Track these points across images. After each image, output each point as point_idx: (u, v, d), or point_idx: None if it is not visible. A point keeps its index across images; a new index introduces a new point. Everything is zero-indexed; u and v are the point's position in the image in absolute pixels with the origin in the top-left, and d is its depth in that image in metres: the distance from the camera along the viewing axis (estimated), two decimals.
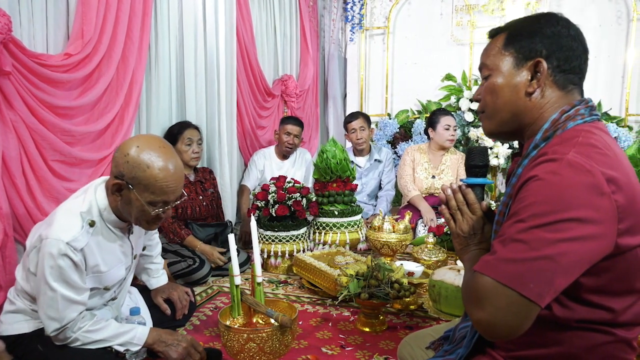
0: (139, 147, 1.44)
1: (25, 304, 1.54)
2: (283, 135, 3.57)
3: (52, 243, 1.38)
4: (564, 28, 0.98)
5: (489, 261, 0.87)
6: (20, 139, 1.90)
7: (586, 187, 0.83)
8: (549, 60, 0.97)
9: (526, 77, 0.99)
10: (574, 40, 0.98)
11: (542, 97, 0.99)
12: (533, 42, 0.98)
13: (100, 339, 1.50)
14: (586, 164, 0.84)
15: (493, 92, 1.03)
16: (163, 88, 2.79)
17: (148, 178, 1.42)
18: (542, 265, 0.82)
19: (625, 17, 4.04)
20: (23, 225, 1.92)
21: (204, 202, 2.84)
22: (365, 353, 1.79)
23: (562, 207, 0.82)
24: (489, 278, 0.85)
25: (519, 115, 1.01)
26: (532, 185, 0.86)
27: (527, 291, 0.82)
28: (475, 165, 1.15)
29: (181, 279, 2.51)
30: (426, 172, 3.63)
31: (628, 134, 3.92)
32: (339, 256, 2.55)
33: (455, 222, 1.11)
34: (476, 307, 0.87)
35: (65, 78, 2.03)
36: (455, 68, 4.45)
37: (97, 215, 1.50)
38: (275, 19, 4.05)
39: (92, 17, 2.12)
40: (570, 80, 0.99)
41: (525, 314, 0.84)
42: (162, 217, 1.53)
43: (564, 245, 0.82)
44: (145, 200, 1.44)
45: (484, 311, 0.85)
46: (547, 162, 0.87)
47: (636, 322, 0.94)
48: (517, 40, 1.00)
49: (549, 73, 0.98)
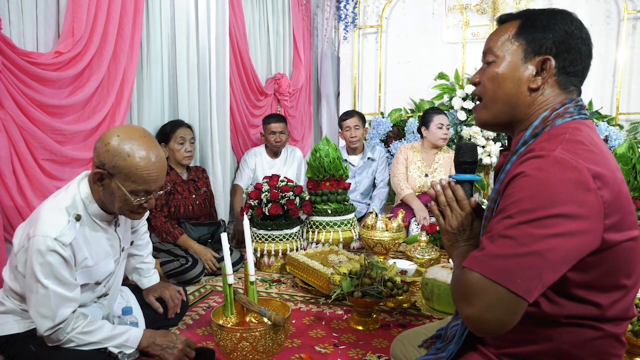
0: (120, 136, 1.44)
1: (14, 304, 1.53)
2: (269, 136, 3.58)
3: (39, 240, 1.37)
4: (577, 29, 0.98)
5: (477, 257, 0.88)
6: (11, 137, 1.88)
7: (572, 183, 0.84)
8: (557, 59, 0.97)
9: (531, 72, 0.98)
10: (584, 43, 0.98)
11: (541, 94, 0.99)
12: (545, 38, 0.97)
13: (95, 341, 1.49)
14: (572, 160, 0.85)
15: (495, 80, 1.01)
16: (155, 86, 2.78)
17: (129, 167, 1.42)
18: (530, 261, 0.83)
19: (615, 16, 4.07)
20: (14, 225, 1.90)
21: (196, 201, 2.83)
22: (358, 351, 1.80)
23: (549, 203, 0.83)
24: (478, 274, 0.85)
25: (516, 109, 1.01)
26: (519, 182, 0.87)
27: (515, 287, 0.82)
28: (464, 162, 1.16)
29: (174, 278, 2.50)
30: (419, 171, 3.64)
31: (619, 133, 3.95)
32: (332, 255, 2.56)
33: (445, 218, 1.11)
34: (465, 303, 0.87)
35: (56, 76, 2.01)
36: (448, 67, 4.46)
37: (82, 208, 1.49)
38: (268, 17, 4.04)
39: (82, 15, 2.11)
40: (572, 82, 0.99)
41: (514, 309, 0.84)
42: (146, 206, 1.53)
43: (552, 240, 0.82)
44: (127, 189, 1.44)
45: (473, 307, 0.86)
46: (534, 158, 0.88)
47: (624, 317, 0.95)
48: (530, 32, 0.98)
49: (554, 72, 0.97)
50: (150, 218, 2.60)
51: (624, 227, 0.89)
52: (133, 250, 1.88)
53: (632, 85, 4.09)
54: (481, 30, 4.34)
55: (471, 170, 1.16)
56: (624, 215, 0.89)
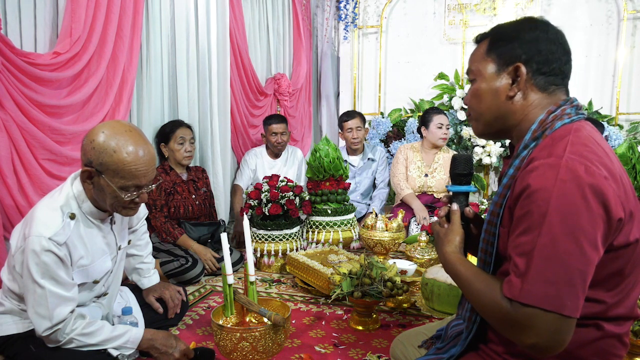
0: (105, 132, 1.43)
1: (13, 304, 1.53)
2: (270, 137, 3.57)
3: (34, 240, 1.37)
4: (542, 32, 1.01)
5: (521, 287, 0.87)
6: (11, 137, 1.88)
7: (589, 189, 0.84)
8: (528, 64, 1.00)
9: (507, 82, 1.02)
10: (553, 43, 1.00)
11: (524, 99, 1.02)
12: (513, 48, 1.01)
13: (95, 343, 1.49)
14: (583, 165, 0.86)
15: (476, 96, 1.07)
16: (155, 87, 2.78)
17: (116, 162, 1.41)
18: (572, 280, 0.84)
19: (615, 16, 4.07)
20: (14, 224, 1.89)
21: (196, 201, 2.83)
22: (358, 351, 1.79)
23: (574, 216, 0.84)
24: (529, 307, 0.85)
25: (503, 118, 1.05)
26: (536, 197, 0.87)
27: (567, 310, 0.84)
28: (459, 174, 1.18)
29: (174, 279, 2.50)
30: (419, 171, 3.64)
31: (619, 133, 3.95)
32: (332, 255, 2.56)
33: None
34: (523, 335, 0.88)
35: (54, 77, 2.01)
36: (448, 67, 4.46)
37: (75, 207, 1.49)
38: (268, 17, 4.03)
39: (81, 16, 2.10)
40: (552, 82, 1.01)
41: (568, 329, 0.86)
42: (137, 201, 1.52)
43: (586, 254, 0.84)
44: (117, 185, 1.43)
45: (531, 338, 0.87)
46: (543, 168, 0.88)
47: (627, 317, 0.96)
48: (498, 46, 1.04)
49: (529, 77, 1.00)
50: (150, 218, 2.60)
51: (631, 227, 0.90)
52: (133, 250, 1.88)
53: (632, 85, 4.09)
54: (481, 30, 4.29)
55: (466, 181, 1.18)
56: (632, 215, 0.90)
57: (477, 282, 0.97)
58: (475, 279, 0.98)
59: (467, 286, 1.00)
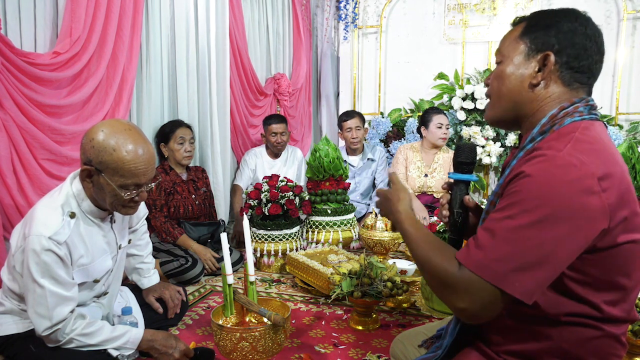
0: (104, 131, 1.42)
1: (13, 304, 1.53)
2: (270, 137, 3.57)
3: (34, 240, 1.37)
4: (581, 26, 0.99)
5: (477, 259, 0.88)
6: (11, 137, 1.88)
7: (575, 186, 0.84)
8: (559, 55, 0.98)
9: (534, 69, 1.00)
10: (589, 39, 0.98)
11: (545, 90, 1.00)
12: (547, 35, 0.99)
13: (95, 343, 1.49)
14: (578, 162, 0.85)
15: (500, 78, 1.05)
16: (155, 87, 2.78)
17: (115, 161, 1.41)
18: (529, 264, 0.84)
19: (615, 16, 4.07)
20: (14, 224, 1.90)
21: (196, 201, 2.83)
22: (358, 351, 1.79)
23: (550, 206, 0.84)
24: (475, 275, 0.87)
25: (520, 105, 1.03)
26: (522, 182, 0.87)
27: (512, 289, 0.85)
28: (462, 162, 1.17)
29: (173, 279, 2.50)
30: (419, 171, 3.64)
31: (618, 133, 3.95)
32: (332, 255, 2.56)
33: None
34: (455, 296, 0.90)
35: (54, 77, 2.01)
36: (448, 67, 4.46)
37: (75, 206, 1.49)
38: (267, 17, 4.03)
39: (81, 15, 2.10)
40: (577, 79, 0.99)
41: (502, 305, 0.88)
42: (137, 200, 1.52)
43: (551, 243, 0.84)
44: (116, 184, 1.43)
45: (464, 302, 0.89)
46: (540, 157, 0.88)
47: (625, 319, 0.95)
48: (533, 31, 1.01)
49: (556, 68, 0.98)
50: (150, 218, 2.60)
51: (628, 229, 0.89)
52: (133, 250, 1.88)
53: (632, 85, 4.09)
54: (481, 30, 4.34)
55: (469, 170, 1.17)
56: (630, 217, 0.89)
57: (429, 243, 1.00)
58: (427, 239, 1.02)
59: (419, 245, 1.02)
